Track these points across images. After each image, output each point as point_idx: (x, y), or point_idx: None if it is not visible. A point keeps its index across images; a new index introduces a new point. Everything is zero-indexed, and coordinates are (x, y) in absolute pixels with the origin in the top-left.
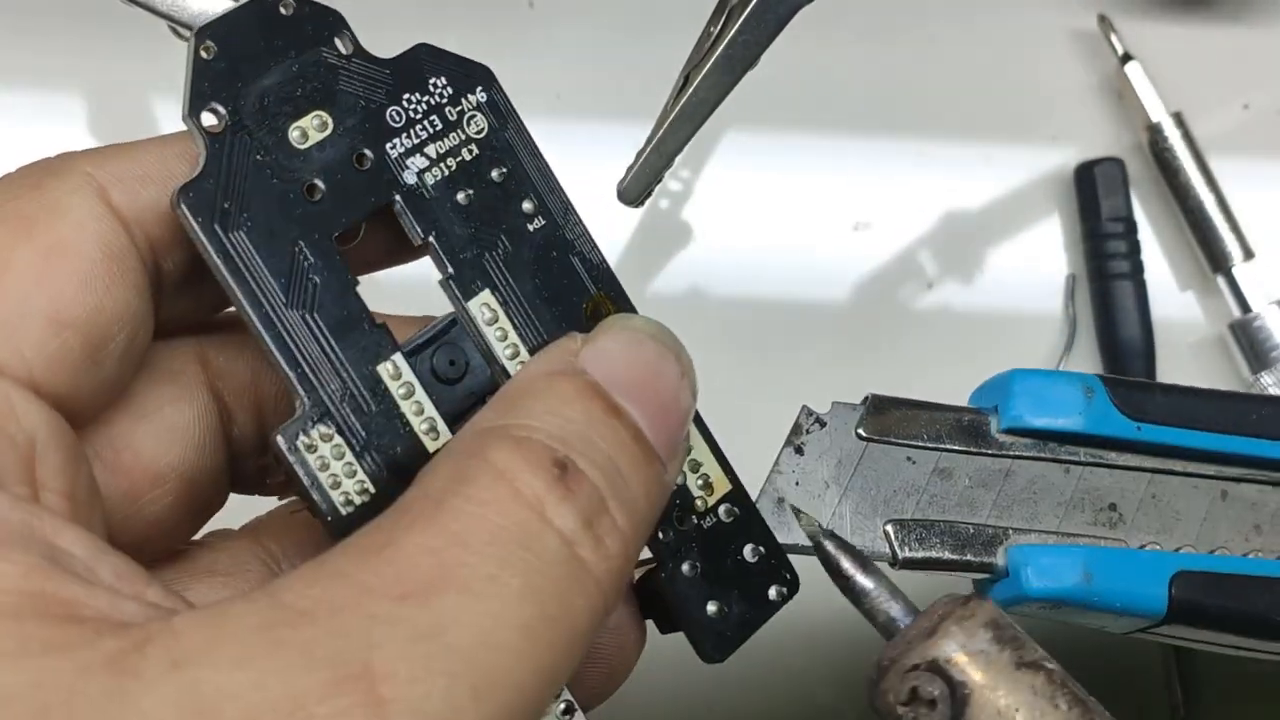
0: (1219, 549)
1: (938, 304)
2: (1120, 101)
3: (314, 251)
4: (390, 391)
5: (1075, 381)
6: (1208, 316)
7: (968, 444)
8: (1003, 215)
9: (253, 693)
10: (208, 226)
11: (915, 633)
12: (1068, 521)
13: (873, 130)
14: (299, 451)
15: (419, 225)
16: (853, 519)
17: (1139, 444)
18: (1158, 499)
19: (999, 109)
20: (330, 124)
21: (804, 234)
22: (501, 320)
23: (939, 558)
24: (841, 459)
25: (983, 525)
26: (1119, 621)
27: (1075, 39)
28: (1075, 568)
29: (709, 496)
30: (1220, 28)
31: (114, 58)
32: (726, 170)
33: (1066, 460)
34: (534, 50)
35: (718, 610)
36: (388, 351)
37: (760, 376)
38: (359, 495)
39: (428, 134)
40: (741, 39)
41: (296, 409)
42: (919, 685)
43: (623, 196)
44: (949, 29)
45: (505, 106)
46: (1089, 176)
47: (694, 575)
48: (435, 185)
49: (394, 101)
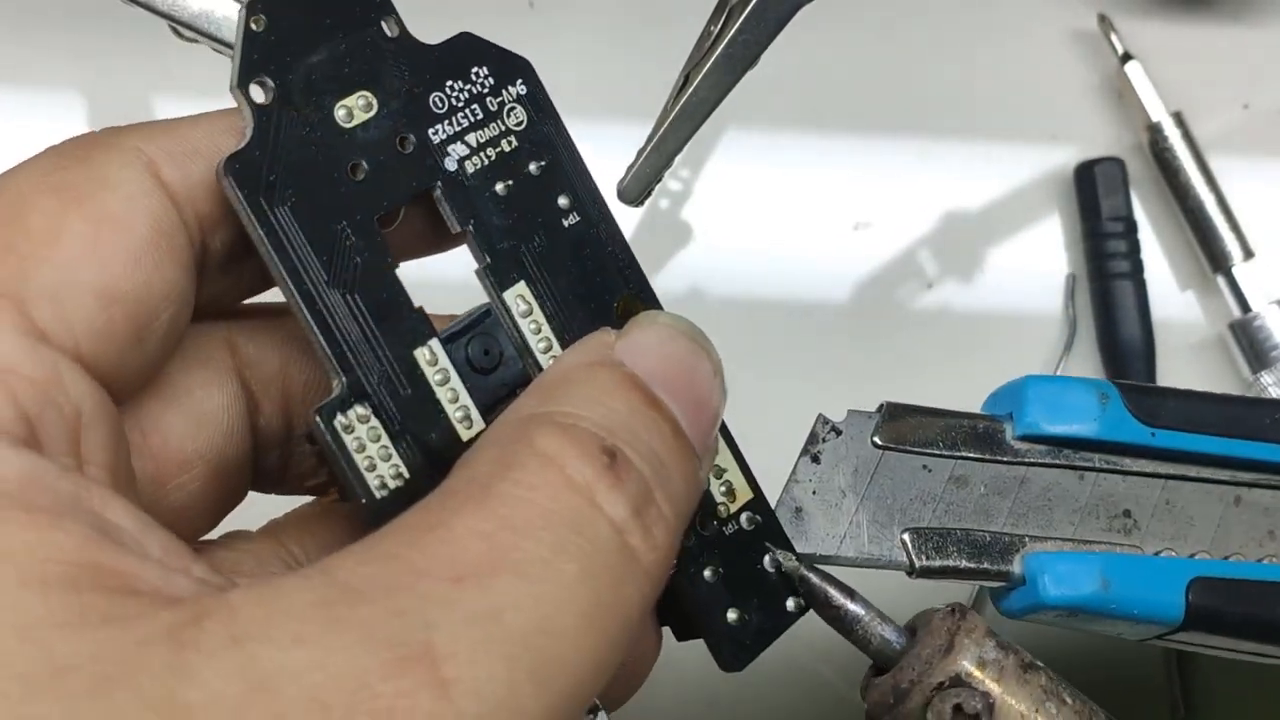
0: (1233, 555)
1: (938, 304)
2: (1120, 101)
3: (356, 232)
4: (426, 377)
5: (1090, 388)
6: (1208, 316)
7: (983, 451)
8: (1003, 215)
9: (314, 671)
10: (253, 199)
11: (930, 651)
12: (1083, 528)
13: (873, 130)
14: (336, 431)
15: (458, 213)
16: (869, 528)
17: (1153, 450)
18: (1172, 505)
19: (999, 109)
20: (375, 105)
21: (804, 234)
22: (536, 313)
23: (956, 566)
24: (858, 467)
25: (999, 533)
26: (1135, 629)
27: (1075, 39)
28: (1093, 575)
29: (731, 503)
30: (1220, 27)
31: (114, 58)
32: (726, 170)
33: (1081, 467)
34: (534, 50)
35: (738, 618)
36: (425, 337)
37: (760, 376)
38: (394, 480)
39: (469, 122)
40: (742, 38)
41: (334, 389)
42: (962, 701)
43: (623, 196)
44: (949, 28)
45: (544, 100)
46: (1089, 176)
47: (715, 582)
48: (475, 174)
49: (437, 88)
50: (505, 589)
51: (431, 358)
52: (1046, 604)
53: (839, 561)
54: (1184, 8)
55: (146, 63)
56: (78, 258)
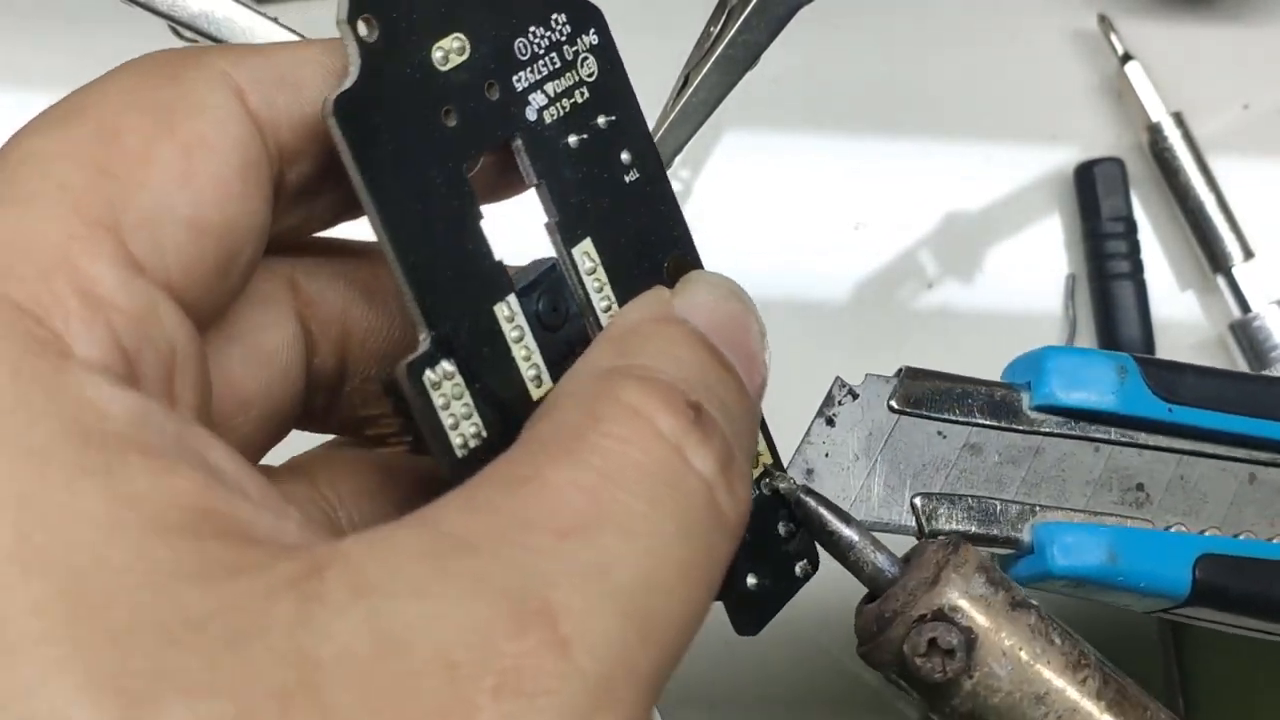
0: (1244, 533)
1: (938, 304)
2: (1120, 101)
3: (448, 180)
4: (504, 333)
5: (1109, 361)
6: (1207, 316)
7: (999, 419)
8: (1003, 215)
9: (438, 626)
10: (359, 141)
11: (915, 583)
12: (1095, 500)
13: (873, 130)
14: (424, 386)
15: (535, 165)
16: (881, 491)
17: (1169, 425)
18: (1185, 480)
19: (999, 109)
20: (468, 48)
21: (804, 234)
22: (599, 271)
23: (965, 531)
24: (872, 431)
25: (1010, 501)
26: (1142, 601)
27: (1075, 39)
28: (1100, 547)
29: (754, 470)
30: (1220, 27)
31: (114, 58)
32: (726, 170)
33: (1097, 439)
34: None
35: (756, 583)
36: (504, 291)
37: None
38: (474, 439)
39: (548, 71)
40: (741, 39)
41: (421, 342)
42: (938, 635)
43: None
44: (949, 29)
45: (613, 53)
46: (1089, 176)
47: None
48: (552, 125)
49: (520, 33)
50: (610, 543)
51: (509, 314)
52: (1053, 573)
53: None
54: (1184, 7)
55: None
56: (172, 185)
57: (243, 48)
